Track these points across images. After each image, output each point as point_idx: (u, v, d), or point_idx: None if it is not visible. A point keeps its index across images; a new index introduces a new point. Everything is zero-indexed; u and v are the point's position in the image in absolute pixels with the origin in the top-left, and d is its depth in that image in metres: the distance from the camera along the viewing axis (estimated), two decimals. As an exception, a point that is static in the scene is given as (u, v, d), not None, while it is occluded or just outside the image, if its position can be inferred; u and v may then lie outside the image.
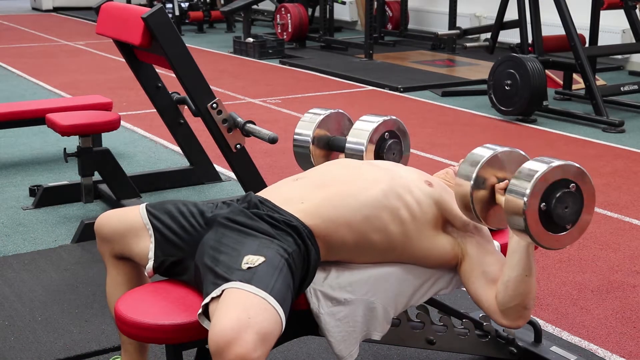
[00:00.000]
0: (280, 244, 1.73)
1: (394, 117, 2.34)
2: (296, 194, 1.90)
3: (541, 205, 1.75)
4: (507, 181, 1.84)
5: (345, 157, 2.31)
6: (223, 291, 1.59)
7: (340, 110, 2.45)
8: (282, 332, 1.60)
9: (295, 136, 2.45)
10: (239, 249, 1.71)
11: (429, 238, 1.93)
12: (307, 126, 2.42)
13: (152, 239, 1.87)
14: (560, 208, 1.76)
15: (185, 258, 1.84)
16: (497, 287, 1.89)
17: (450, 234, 1.97)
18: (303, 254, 1.76)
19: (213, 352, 1.50)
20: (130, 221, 1.91)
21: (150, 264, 1.87)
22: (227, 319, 1.51)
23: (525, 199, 1.73)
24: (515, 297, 1.86)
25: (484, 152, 1.89)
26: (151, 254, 1.87)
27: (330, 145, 2.42)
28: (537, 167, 1.76)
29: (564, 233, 1.80)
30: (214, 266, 1.68)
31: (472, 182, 1.85)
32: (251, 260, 1.66)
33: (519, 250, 1.85)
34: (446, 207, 1.97)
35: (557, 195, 1.75)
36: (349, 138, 2.31)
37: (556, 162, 1.77)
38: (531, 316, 2.45)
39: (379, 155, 2.30)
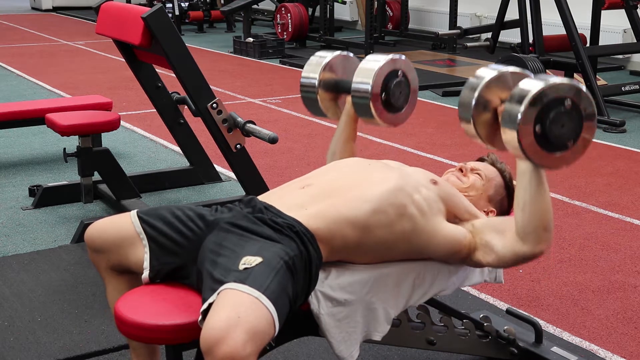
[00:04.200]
0: (282, 247, 1.72)
1: (399, 55, 2.23)
2: (301, 200, 1.88)
3: (536, 129, 1.68)
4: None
5: (352, 98, 2.21)
6: (219, 294, 1.59)
7: (346, 52, 2.35)
8: (278, 332, 1.59)
9: (302, 80, 2.31)
10: (238, 251, 1.71)
11: (437, 228, 1.92)
12: (313, 69, 2.30)
13: (147, 249, 1.83)
14: (556, 128, 1.69)
15: (186, 264, 1.82)
16: (515, 214, 1.84)
17: (459, 224, 1.97)
18: (305, 260, 1.75)
19: (204, 352, 1.51)
20: (124, 230, 1.86)
21: (145, 274, 1.84)
22: (217, 319, 1.52)
23: (517, 126, 1.67)
24: (533, 218, 1.81)
25: (485, 74, 1.84)
26: (146, 264, 1.83)
27: (338, 88, 2.32)
28: (528, 89, 1.69)
29: (567, 150, 1.74)
30: (213, 270, 1.68)
31: (472, 105, 1.81)
32: (248, 261, 1.66)
33: (527, 171, 1.79)
34: (452, 203, 1.97)
35: (551, 116, 1.68)
36: (354, 78, 2.20)
37: (546, 82, 1.69)
38: (531, 316, 2.46)
39: (386, 94, 2.18)
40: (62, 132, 3.61)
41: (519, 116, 1.67)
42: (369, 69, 2.16)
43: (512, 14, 6.37)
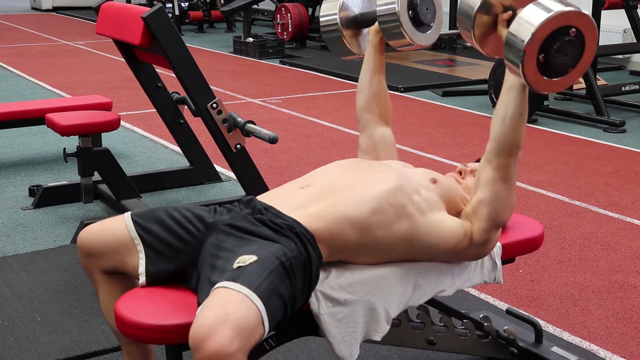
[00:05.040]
0: (280, 247, 1.72)
1: None
2: (301, 201, 1.87)
3: (539, 57, 1.71)
4: (510, 12, 1.81)
5: (379, 23, 2.18)
6: (211, 292, 1.59)
7: None
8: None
9: (322, 20, 2.28)
10: (236, 251, 1.70)
11: (437, 225, 1.92)
12: (330, 7, 2.27)
13: (142, 254, 1.81)
14: (559, 57, 1.73)
15: (186, 267, 1.80)
16: (492, 127, 1.90)
17: (458, 217, 1.98)
18: (304, 260, 1.75)
19: (192, 349, 1.51)
20: (118, 235, 1.82)
21: (142, 280, 1.81)
22: (205, 316, 1.52)
23: (521, 52, 1.69)
24: (509, 134, 1.87)
25: None
26: (142, 270, 1.81)
27: (359, 23, 2.29)
28: (536, 16, 1.70)
29: (564, 76, 1.77)
30: (211, 274, 1.67)
31: (477, 5, 1.82)
32: (243, 259, 1.65)
33: (515, 87, 1.85)
34: (451, 199, 1.98)
35: (556, 45, 1.71)
36: (378, 2, 2.17)
37: (555, 11, 1.69)
38: (531, 316, 2.45)
39: (413, 11, 2.16)
40: (62, 132, 3.61)
41: (524, 44, 1.69)
42: None
43: (512, 14, 6.37)
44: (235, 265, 1.64)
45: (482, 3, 1.83)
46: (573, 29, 1.72)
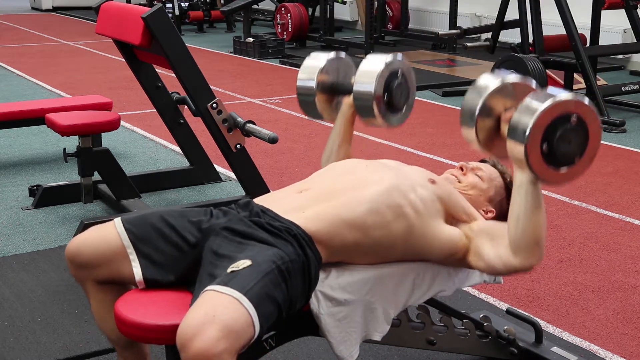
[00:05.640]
0: (277, 252, 1.71)
1: (400, 56, 2.24)
2: (299, 204, 1.87)
3: (543, 146, 1.70)
4: (513, 111, 1.78)
5: (354, 100, 2.20)
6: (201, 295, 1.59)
7: (342, 53, 2.35)
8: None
9: (299, 83, 2.31)
10: (234, 257, 1.69)
11: (434, 229, 1.92)
12: (310, 72, 2.29)
13: (136, 263, 1.78)
14: (563, 145, 1.71)
15: (187, 273, 1.79)
16: (508, 226, 1.84)
17: (456, 226, 1.96)
18: (302, 263, 1.74)
19: (178, 348, 1.51)
20: (113, 244, 1.79)
21: (141, 287, 1.80)
22: (193, 316, 1.52)
23: (525, 144, 1.68)
24: (526, 232, 1.80)
25: (491, 81, 1.84)
26: (139, 278, 1.79)
27: (334, 90, 2.31)
28: (534, 107, 1.69)
29: (572, 166, 1.75)
30: (208, 283, 1.65)
31: (477, 111, 1.81)
32: (237, 265, 1.65)
33: (524, 184, 1.79)
34: (450, 203, 1.96)
35: (558, 134, 1.69)
36: (356, 79, 2.20)
37: (551, 100, 1.69)
38: (531, 316, 2.45)
39: (388, 95, 2.19)
40: (62, 132, 3.61)
41: (526, 135, 1.68)
42: (371, 70, 2.17)
43: (512, 14, 6.37)
44: (229, 270, 1.64)
45: (482, 107, 1.81)
46: (574, 117, 1.71)
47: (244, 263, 1.65)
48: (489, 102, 1.82)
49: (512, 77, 1.86)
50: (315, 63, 2.30)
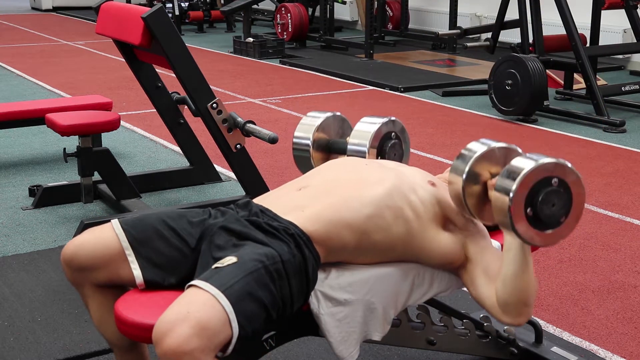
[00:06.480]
0: (269, 251, 1.69)
1: (394, 118, 2.35)
2: (298, 202, 1.87)
3: (527, 212, 1.73)
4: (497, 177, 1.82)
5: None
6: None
7: (338, 113, 2.46)
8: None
9: (295, 140, 2.44)
10: (226, 257, 1.68)
11: (432, 236, 1.92)
12: (306, 129, 2.42)
13: (135, 265, 1.77)
14: (547, 208, 1.74)
15: (188, 275, 1.77)
16: (496, 285, 1.87)
17: (453, 233, 1.95)
18: (299, 263, 1.73)
19: (154, 344, 1.52)
20: (112, 246, 1.77)
21: (142, 287, 1.79)
22: (168, 313, 1.53)
23: (509, 211, 1.71)
24: (514, 293, 1.84)
25: (477, 148, 1.88)
26: (139, 281, 1.78)
27: (330, 148, 2.42)
28: (514, 172, 1.73)
29: (559, 227, 1.78)
30: None
31: (464, 177, 1.84)
32: (222, 261, 1.64)
33: (513, 247, 1.82)
34: (448, 206, 1.96)
35: (540, 197, 1.73)
36: (350, 140, 2.31)
37: (529, 165, 1.73)
38: (532, 316, 2.45)
39: (381, 155, 2.29)
40: (62, 132, 3.61)
41: (508, 200, 1.71)
42: (365, 131, 2.29)
43: (512, 14, 6.37)
44: (213, 267, 1.64)
45: (467, 174, 1.84)
46: (555, 179, 1.74)
47: (229, 260, 1.64)
48: (474, 168, 1.85)
49: (497, 143, 1.89)
50: (312, 121, 2.42)
